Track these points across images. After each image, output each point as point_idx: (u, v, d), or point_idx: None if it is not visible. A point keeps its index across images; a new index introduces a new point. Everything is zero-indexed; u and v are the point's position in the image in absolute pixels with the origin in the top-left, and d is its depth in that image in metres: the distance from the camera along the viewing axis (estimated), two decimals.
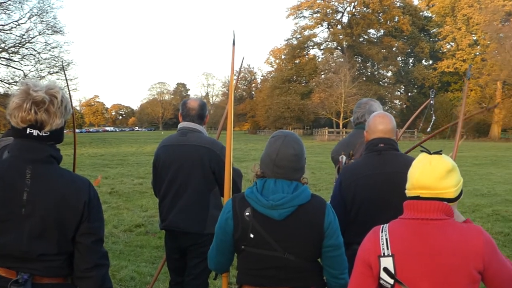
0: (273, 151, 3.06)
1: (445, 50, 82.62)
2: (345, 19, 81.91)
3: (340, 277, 3.15)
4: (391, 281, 2.47)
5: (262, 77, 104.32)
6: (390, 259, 2.48)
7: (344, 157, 4.32)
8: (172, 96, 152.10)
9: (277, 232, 2.98)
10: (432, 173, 2.53)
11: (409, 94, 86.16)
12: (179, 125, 4.93)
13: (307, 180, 3.16)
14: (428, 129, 8.63)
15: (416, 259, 2.46)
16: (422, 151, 2.67)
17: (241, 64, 4.08)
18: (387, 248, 2.49)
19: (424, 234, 2.49)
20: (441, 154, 2.61)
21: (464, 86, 4.96)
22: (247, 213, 3.00)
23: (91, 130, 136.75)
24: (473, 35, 78.47)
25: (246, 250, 3.05)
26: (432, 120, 6.60)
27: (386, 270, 2.48)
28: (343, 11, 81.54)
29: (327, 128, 70.03)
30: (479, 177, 20.03)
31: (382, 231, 2.58)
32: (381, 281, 2.51)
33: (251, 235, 2.99)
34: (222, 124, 5.66)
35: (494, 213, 12.46)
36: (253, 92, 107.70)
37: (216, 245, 3.18)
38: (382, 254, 2.50)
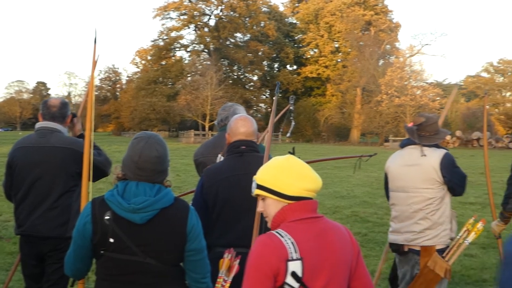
0: (135, 153, 2.96)
1: (309, 56, 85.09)
2: (212, 22, 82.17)
3: (202, 281, 3.13)
4: (297, 285, 2.41)
5: (127, 78, 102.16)
6: (299, 262, 2.41)
7: (223, 158, 4.30)
8: (31, 95, 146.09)
9: (138, 236, 2.90)
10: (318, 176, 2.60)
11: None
12: (37, 125, 4.71)
13: (170, 183, 3.10)
14: (288, 134, 8.83)
15: (320, 257, 2.46)
16: (290, 152, 2.66)
17: (97, 60, 3.93)
18: (295, 252, 2.42)
19: (321, 231, 2.52)
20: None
21: (273, 102, 5.15)
22: (107, 217, 2.89)
23: None
24: (335, 43, 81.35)
25: (105, 255, 2.94)
26: (292, 125, 6.75)
27: (294, 274, 2.40)
28: (210, 14, 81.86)
29: (193, 130, 69.96)
30: (339, 180, 20.71)
31: (281, 236, 2.46)
32: (286, 286, 2.42)
33: (111, 240, 2.89)
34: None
35: (353, 214, 12.93)
36: (117, 93, 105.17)
37: (74, 250, 3.03)
38: (290, 258, 2.41)
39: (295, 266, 2.40)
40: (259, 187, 2.60)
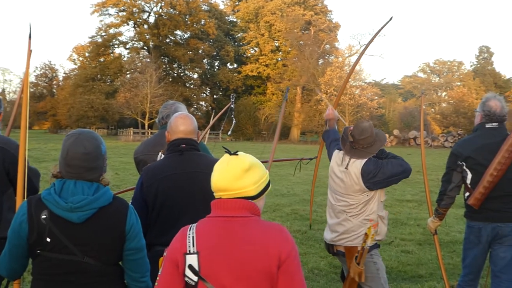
0: (64, 149, 2.95)
1: (249, 54, 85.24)
2: (151, 19, 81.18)
3: (141, 280, 3.12)
4: (195, 278, 2.48)
5: (64, 75, 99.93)
6: (195, 256, 2.48)
7: (163, 156, 4.27)
8: None
9: (76, 236, 2.86)
10: (227, 175, 2.58)
11: (215, 96, 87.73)
12: None
13: (106, 181, 3.05)
14: (229, 132, 8.86)
15: (219, 256, 2.49)
16: (226, 152, 2.66)
17: (29, 58, 3.84)
18: (193, 246, 2.50)
19: (227, 231, 2.53)
20: (237, 154, 2.64)
21: (281, 107, 5.22)
22: (43, 216, 2.84)
23: None
24: (276, 42, 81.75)
25: (42, 255, 2.89)
26: (233, 124, 6.78)
27: (191, 267, 2.48)
28: (149, 11, 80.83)
29: (132, 128, 69.29)
30: (279, 178, 20.83)
31: (190, 230, 2.58)
32: (186, 279, 2.51)
33: (48, 239, 2.84)
34: (12, 121, 5.35)
35: (293, 212, 13.04)
36: (54, 90, 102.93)
37: (9, 250, 2.96)
38: (188, 252, 2.50)
39: (191, 260, 2.50)
40: None
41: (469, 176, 5.23)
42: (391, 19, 6.59)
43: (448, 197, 5.40)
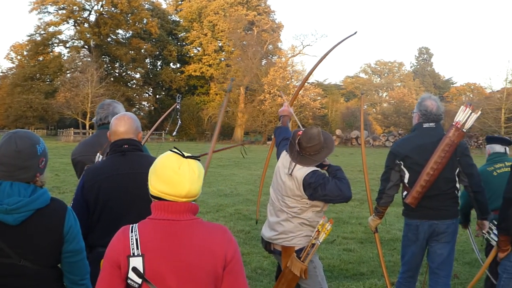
0: None
1: (192, 54, 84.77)
2: (92, 18, 79.87)
3: (80, 283, 3.08)
4: (139, 280, 2.47)
5: (1, 74, 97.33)
6: (140, 258, 2.47)
7: (101, 157, 4.22)
8: None
9: (12, 238, 2.80)
10: (198, 183, 2.57)
11: (157, 96, 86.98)
12: None
13: (39, 183, 3.00)
14: (174, 133, 8.78)
15: (164, 258, 2.49)
16: (173, 151, 2.63)
17: None
18: (137, 248, 2.49)
19: (172, 233, 2.53)
20: (199, 160, 2.63)
21: (224, 99, 5.22)
22: None
23: None
24: (219, 41, 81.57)
25: None
26: (178, 124, 6.75)
27: (135, 269, 2.47)
28: (90, 9, 79.47)
29: (72, 128, 68.10)
30: (223, 178, 20.84)
31: (131, 231, 2.56)
32: (129, 281, 2.49)
33: None
34: None
35: (236, 212, 13.05)
36: None
37: None
38: (131, 254, 2.49)
39: (136, 262, 2.49)
40: None
41: (407, 175, 5.36)
42: (355, 33, 6.66)
43: (387, 196, 5.51)
